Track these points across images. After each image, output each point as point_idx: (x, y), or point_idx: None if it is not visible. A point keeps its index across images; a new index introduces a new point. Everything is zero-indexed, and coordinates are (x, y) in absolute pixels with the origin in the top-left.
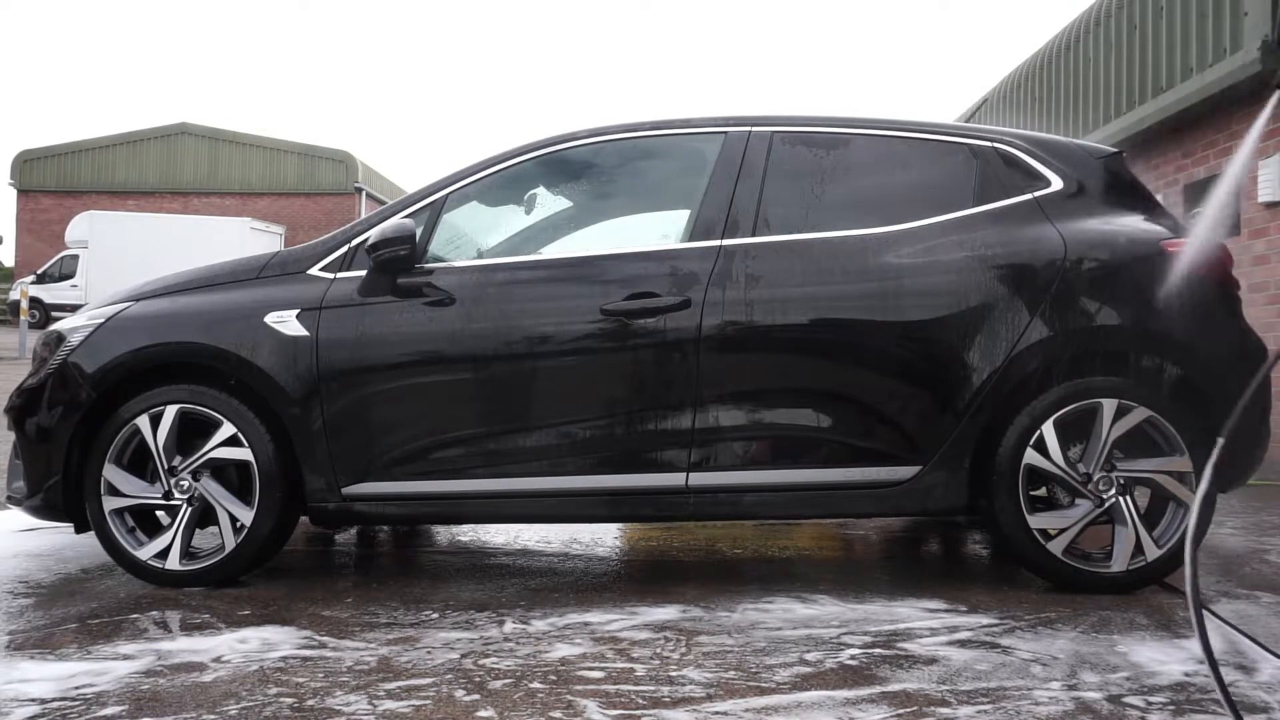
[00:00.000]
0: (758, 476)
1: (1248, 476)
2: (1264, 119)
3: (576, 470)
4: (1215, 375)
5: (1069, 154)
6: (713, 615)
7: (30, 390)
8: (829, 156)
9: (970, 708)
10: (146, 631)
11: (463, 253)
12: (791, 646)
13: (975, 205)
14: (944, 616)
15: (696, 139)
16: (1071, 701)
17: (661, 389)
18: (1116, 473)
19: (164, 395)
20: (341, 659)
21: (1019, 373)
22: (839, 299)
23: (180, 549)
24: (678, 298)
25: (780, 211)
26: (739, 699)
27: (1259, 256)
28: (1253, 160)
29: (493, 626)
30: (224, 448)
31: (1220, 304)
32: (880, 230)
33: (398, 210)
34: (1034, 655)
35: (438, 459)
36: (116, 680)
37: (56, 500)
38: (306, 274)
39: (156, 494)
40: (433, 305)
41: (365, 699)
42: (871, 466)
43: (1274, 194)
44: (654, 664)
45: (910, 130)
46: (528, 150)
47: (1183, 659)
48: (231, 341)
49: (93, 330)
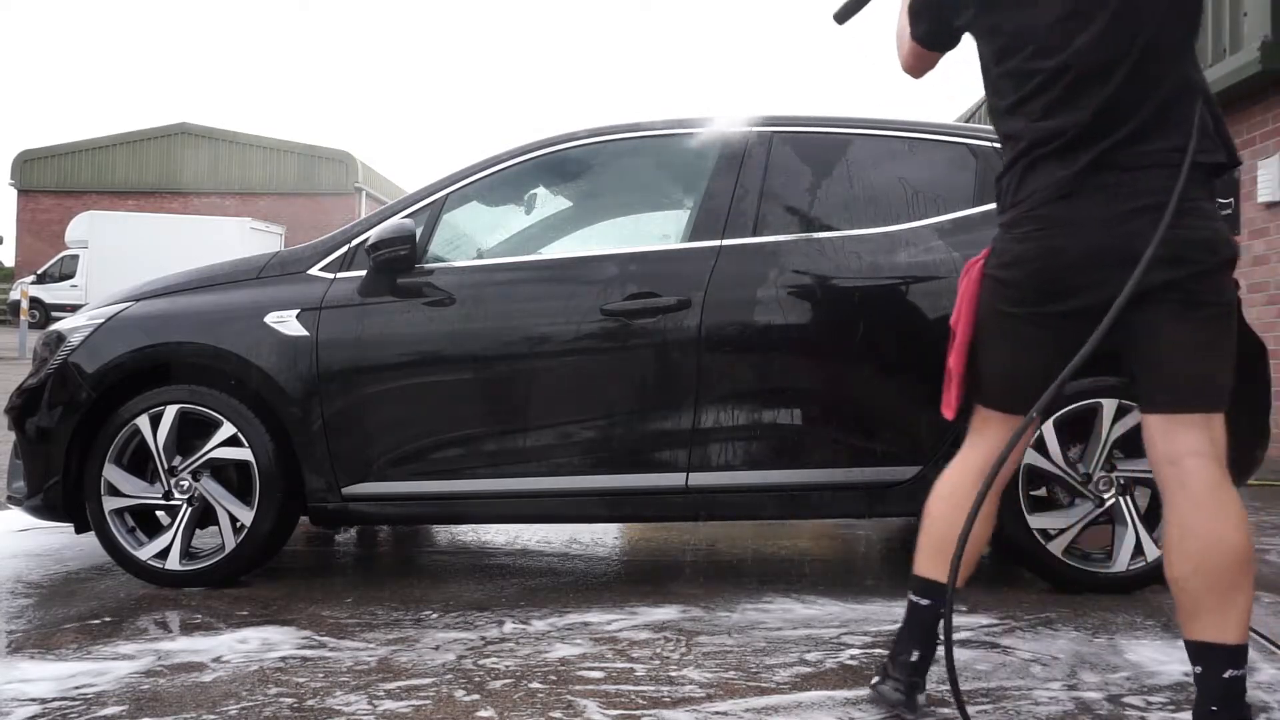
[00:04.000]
0: (758, 476)
1: (1248, 476)
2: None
3: (576, 470)
4: None
5: None
6: (712, 615)
7: (30, 390)
8: (829, 156)
9: (970, 707)
10: (146, 631)
11: (463, 253)
12: (791, 646)
13: (975, 205)
14: None
15: (696, 139)
16: (1071, 701)
17: (661, 389)
18: (1117, 473)
19: (164, 395)
20: (341, 659)
21: None
22: (839, 299)
23: (180, 549)
24: (678, 297)
25: (780, 211)
26: (739, 699)
27: (1259, 257)
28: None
29: (493, 626)
30: (224, 448)
31: None
32: (880, 230)
33: (398, 210)
34: (1034, 655)
35: (438, 459)
36: (116, 680)
37: (56, 500)
38: (306, 274)
39: (156, 494)
40: (433, 305)
41: (365, 699)
42: (871, 466)
43: (1274, 194)
44: (654, 664)
45: (910, 130)
46: (528, 150)
47: (1183, 659)
48: (231, 341)
49: (93, 330)
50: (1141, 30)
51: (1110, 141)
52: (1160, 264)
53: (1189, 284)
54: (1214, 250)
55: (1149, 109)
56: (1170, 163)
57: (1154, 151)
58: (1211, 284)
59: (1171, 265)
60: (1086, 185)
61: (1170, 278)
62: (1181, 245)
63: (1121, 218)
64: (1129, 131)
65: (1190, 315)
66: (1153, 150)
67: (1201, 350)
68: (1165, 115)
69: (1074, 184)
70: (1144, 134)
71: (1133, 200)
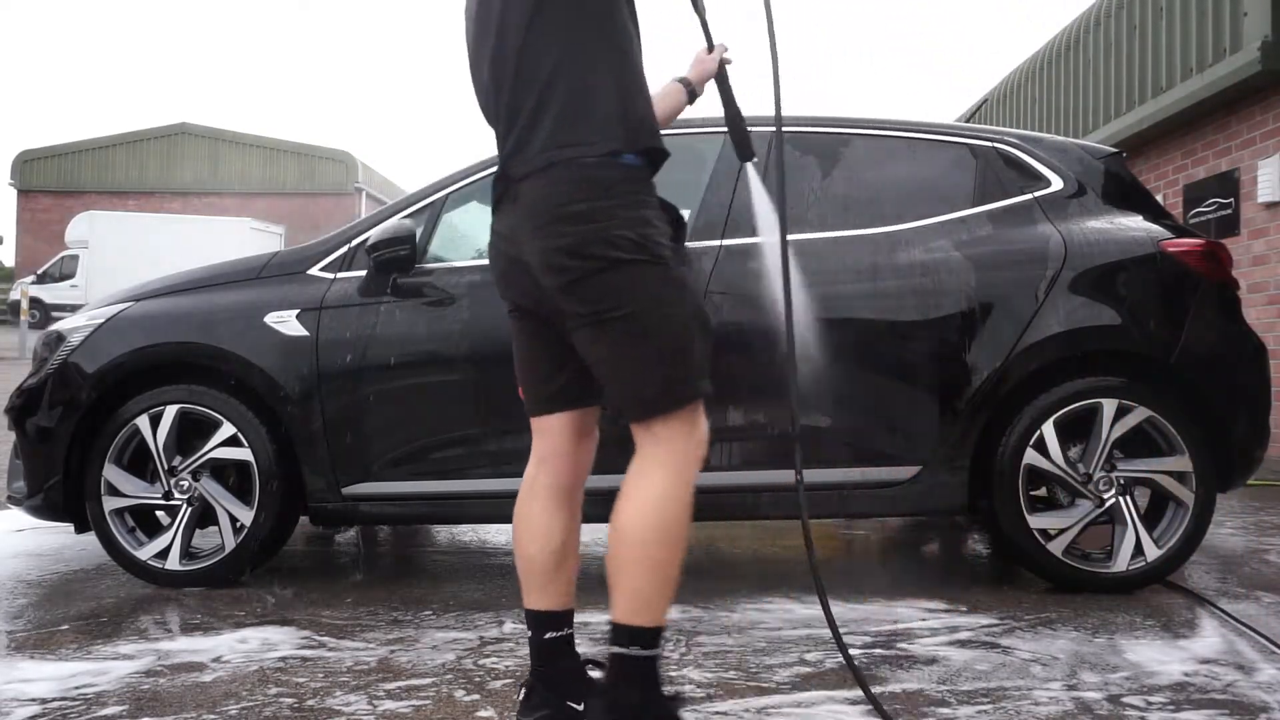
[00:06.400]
0: (758, 476)
1: (1248, 476)
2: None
3: None
4: (1215, 375)
5: (1069, 154)
6: (713, 615)
7: (30, 390)
8: (829, 156)
9: (970, 708)
10: (146, 631)
11: (463, 253)
12: (791, 646)
13: (975, 205)
14: (944, 616)
15: (696, 139)
16: (1071, 702)
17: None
18: (1117, 473)
19: (164, 395)
20: (341, 659)
21: (1019, 372)
22: (839, 298)
23: (180, 549)
24: None
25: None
26: (739, 699)
27: (1259, 256)
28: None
29: (493, 626)
30: (224, 448)
31: (1220, 304)
32: (880, 230)
33: (398, 210)
34: (1034, 655)
35: (438, 459)
36: (116, 680)
37: (57, 500)
38: (306, 274)
39: (156, 494)
40: (433, 305)
41: (365, 699)
42: (871, 466)
43: (1274, 194)
44: None
45: (910, 130)
46: None
47: (1183, 659)
48: (231, 342)
49: (93, 330)
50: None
51: (504, 155)
52: (549, 273)
53: (572, 293)
54: (583, 256)
55: (524, 117)
56: (538, 168)
57: (529, 159)
58: (595, 291)
59: (557, 274)
60: (504, 197)
61: (557, 285)
62: (555, 254)
63: (518, 228)
64: (513, 143)
65: (596, 322)
66: (528, 158)
67: (605, 362)
68: (537, 120)
69: (496, 197)
70: (521, 144)
71: (523, 211)
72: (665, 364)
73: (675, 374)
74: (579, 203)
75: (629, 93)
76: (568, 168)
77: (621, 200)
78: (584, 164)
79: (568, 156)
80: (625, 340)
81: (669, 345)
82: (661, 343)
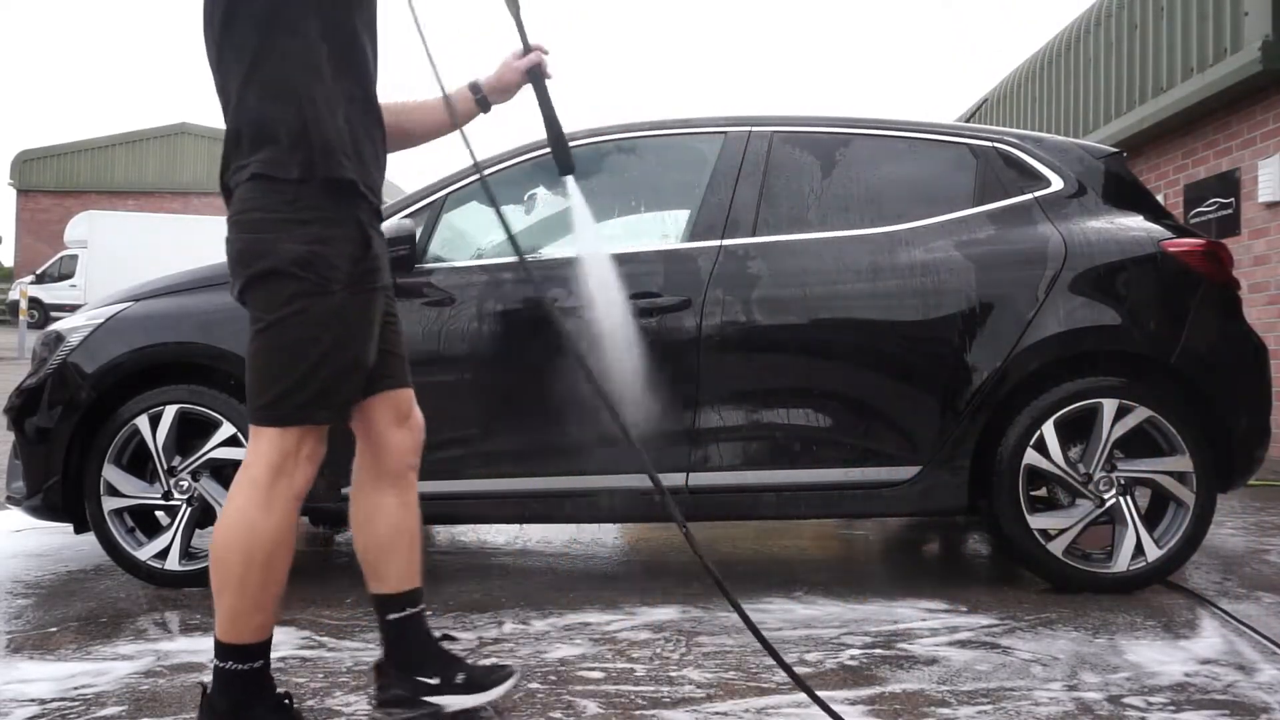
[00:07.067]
0: (758, 476)
1: (1248, 476)
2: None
3: (576, 470)
4: (1216, 375)
5: (1069, 154)
6: (713, 615)
7: (29, 390)
8: (829, 156)
9: (970, 708)
10: (146, 632)
11: (463, 253)
12: (791, 646)
13: (975, 205)
14: (944, 617)
15: (696, 139)
16: (1071, 702)
17: (661, 389)
18: (1117, 473)
19: (163, 395)
20: (341, 659)
21: (1019, 373)
22: (839, 299)
23: (180, 549)
24: (678, 298)
25: (780, 211)
26: (739, 699)
27: (1259, 256)
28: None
29: (492, 626)
30: (224, 448)
31: (1221, 304)
32: (880, 230)
33: (398, 210)
34: (1034, 656)
35: (437, 459)
36: (116, 680)
37: (56, 500)
38: None
39: (156, 494)
40: (433, 305)
41: (365, 699)
42: (871, 466)
43: (1274, 194)
44: (654, 664)
45: (910, 130)
46: (528, 150)
47: (1183, 659)
48: (231, 342)
49: (92, 330)
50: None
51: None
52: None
53: (242, 298)
54: (245, 264)
55: (231, 129)
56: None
57: (237, 169)
58: (253, 298)
59: (234, 278)
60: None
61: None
62: (232, 259)
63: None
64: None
65: (251, 329)
66: (237, 168)
67: (248, 364)
68: (237, 133)
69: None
70: (232, 153)
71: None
72: (280, 381)
73: (283, 391)
74: (254, 213)
75: (317, 116)
76: (255, 183)
77: (295, 218)
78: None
79: (254, 174)
80: (261, 347)
81: (291, 364)
82: (286, 359)
